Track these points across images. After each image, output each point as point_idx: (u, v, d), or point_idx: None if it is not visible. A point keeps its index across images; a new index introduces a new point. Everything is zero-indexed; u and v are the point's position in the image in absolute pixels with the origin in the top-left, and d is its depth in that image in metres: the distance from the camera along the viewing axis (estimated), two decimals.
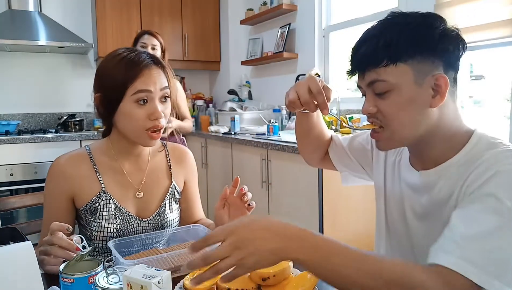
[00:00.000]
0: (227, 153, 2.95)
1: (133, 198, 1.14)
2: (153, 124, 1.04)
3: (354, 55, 0.82)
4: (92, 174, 1.10)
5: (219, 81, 4.18)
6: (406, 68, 0.76)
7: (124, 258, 0.87)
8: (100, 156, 1.13)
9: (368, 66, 0.78)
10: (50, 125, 3.66)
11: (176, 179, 1.22)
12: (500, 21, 1.78)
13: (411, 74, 0.76)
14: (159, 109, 1.04)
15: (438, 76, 0.76)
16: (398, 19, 0.79)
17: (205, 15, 3.93)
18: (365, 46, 0.79)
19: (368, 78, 0.79)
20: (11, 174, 3.02)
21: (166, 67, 1.10)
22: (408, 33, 0.76)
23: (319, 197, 2.04)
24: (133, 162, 1.16)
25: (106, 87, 1.05)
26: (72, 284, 0.71)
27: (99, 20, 3.49)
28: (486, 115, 2.10)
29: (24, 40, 3.14)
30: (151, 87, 1.03)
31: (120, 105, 1.04)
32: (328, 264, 0.63)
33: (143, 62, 1.04)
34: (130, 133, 1.07)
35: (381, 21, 0.80)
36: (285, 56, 3.15)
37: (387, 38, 0.76)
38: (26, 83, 3.57)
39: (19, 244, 0.72)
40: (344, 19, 2.86)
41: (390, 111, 0.78)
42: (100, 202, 1.09)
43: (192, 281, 0.64)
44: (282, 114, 3.06)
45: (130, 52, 1.06)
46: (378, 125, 0.82)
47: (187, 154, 1.28)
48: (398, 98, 0.77)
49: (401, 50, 0.75)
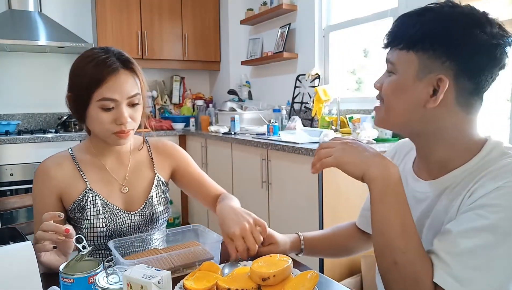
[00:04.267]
0: (227, 153, 2.95)
1: (119, 193, 1.15)
2: (119, 129, 1.05)
3: (387, 32, 0.83)
4: (76, 172, 1.12)
5: (219, 81, 4.18)
6: (414, 58, 0.76)
7: (124, 258, 0.87)
8: (82, 155, 1.15)
9: (390, 45, 0.80)
10: (50, 125, 3.66)
11: (159, 170, 1.23)
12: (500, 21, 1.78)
13: (416, 66, 0.76)
14: (126, 114, 1.04)
15: (439, 77, 0.74)
16: (439, 8, 0.75)
17: (205, 15, 3.93)
18: (394, 26, 0.80)
19: (388, 55, 0.82)
20: (11, 174, 3.02)
21: (137, 71, 1.08)
22: (432, 26, 0.74)
23: (319, 197, 2.04)
24: (115, 159, 1.18)
25: (75, 89, 1.06)
26: (72, 284, 0.71)
27: (99, 20, 3.49)
28: (486, 115, 2.10)
29: (24, 40, 3.14)
30: (117, 95, 1.02)
31: (88, 108, 1.04)
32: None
33: (110, 66, 1.02)
34: (99, 134, 1.09)
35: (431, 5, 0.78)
36: (285, 56, 3.15)
37: (411, 23, 0.76)
38: (26, 83, 3.58)
39: (19, 244, 0.72)
40: (344, 19, 2.86)
41: (386, 91, 0.81)
42: (87, 199, 1.10)
43: None
44: (282, 114, 3.06)
45: (101, 53, 1.04)
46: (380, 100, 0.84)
47: (168, 144, 1.28)
48: (396, 83, 0.79)
49: (417, 40, 0.74)
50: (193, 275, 0.80)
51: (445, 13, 0.74)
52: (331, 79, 3.00)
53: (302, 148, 2.10)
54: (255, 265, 0.79)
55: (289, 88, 3.24)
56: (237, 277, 0.79)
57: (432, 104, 0.75)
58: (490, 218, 0.68)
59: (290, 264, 0.79)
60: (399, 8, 2.33)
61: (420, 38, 0.74)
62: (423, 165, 0.87)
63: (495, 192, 0.69)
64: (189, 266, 0.92)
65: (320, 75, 2.96)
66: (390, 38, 0.80)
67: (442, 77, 0.73)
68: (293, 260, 0.85)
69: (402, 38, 0.77)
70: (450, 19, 0.73)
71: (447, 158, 0.80)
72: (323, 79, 3.01)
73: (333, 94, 2.66)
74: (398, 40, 0.78)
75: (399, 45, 0.77)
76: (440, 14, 0.74)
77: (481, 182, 0.73)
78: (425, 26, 0.74)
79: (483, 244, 0.67)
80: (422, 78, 0.75)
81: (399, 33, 0.78)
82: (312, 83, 2.99)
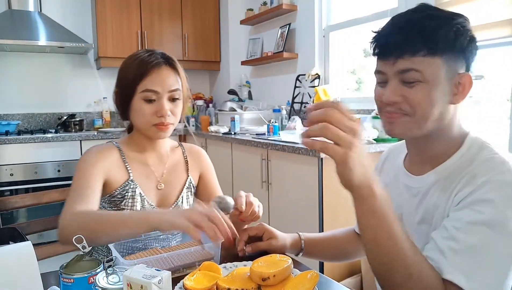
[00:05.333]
0: (227, 153, 2.95)
1: (155, 189, 1.20)
2: (159, 121, 1.11)
3: (386, 40, 0.79)
4: (121, 163, 1.16)
5: (219, 81, 4.18)
6: (441, 61, 0.76)
7: (124, 258, 0.87)
8: (126, 148, 1.19)
9: (404, 54, 0.76)
10: (50, 125, 3.66)
11: (192, 173, 1.28)
12: (500, 21, 1.78)
13: (444, 69, 0.76)
14: (166, 107, 1.10)
15: (463, 75, 0.78)
16: (433, 11, 0.78)
17: (205, 15, 3.93)
18: (402, 32, 0.76)
19: (401, 65, 0.76)
20: (11, 174, 3.02)
21: (179, 68, 1.16)
22: (448, 28, 0.75)
23: (319, 197, 2.04)
24: (155, 156, 1.22)
25: (121, 84, 1.14)
26: (72, 284, 0.71)
27: (99, 20, 3.49)
28: (486, 115, 2.10)
29: (24, 40, 3.14)
30: (158, 87, 1.10)
31: (132, 101, 1.11)
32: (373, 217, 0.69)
33: (154, 62, 1.10)
34: (141, 127, 1.14)
35: (412, 10, 0.79)
36: (285, 56, 3.15)
37: (428, 28, 0.75)
38: (26, 83, 3.58)
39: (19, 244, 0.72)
40: (344, 19, 2.86)
41: (419, 101, 0.77)
42: (128, 190, 1.14)
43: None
44: (282, 114, 3.06)
45: (146, 53, 1.13)
46: (399, 113, 0.79)
47: (201, 150, 1.36)
48: (428, 89, 0.76)
49: (440, 43, 0.75)
50: (193, 275, 0.80)
51: (447, 13, 0.78)
52: (331, 79, 3.00)
53: (302, 148, 2.10)
54: (255, 265, 0.79)
55: (289, 88, 3.24)
56: (237, 277, 0.79)
57: (459, 99, 0.79)
58: (486, 212, 0.70)
59: (290, 264, 0.79)
60: (399, 8, 2.33)
61: (442, 41, 0.75)
62: (416, 161, 0.89)
63: (484, 187, 0.72)
64: (189, 266, 0.92)
65: (320, 75, 2.96)
66: (402, 47, 0.76)
67: (465, 73, 0.79)
68: (293, 260, 0.85)
69: (424, 44, 0.74)
70: (456, 20, 0.76)
71: (439, 153, 0.83)
72: (323, 79, 3.01)
73: (333, 94, 2.66)
74: (415, 48, 0.75)
75: (419, 52, 0.75)
76: (444, 14, 0.77)
77: (467, 178, 0.75)
78: (443, 29, 0.75)
79: (483, 238, 0.69)
80: (451, 79, 0.78)
81: (414, 40, 0.75)
82: (312, 83, 2.99)
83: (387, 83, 0.80)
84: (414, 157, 0.90)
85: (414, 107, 0.77)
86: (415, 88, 0.76)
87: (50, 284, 0.82)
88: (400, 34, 0.76)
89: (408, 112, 0.78)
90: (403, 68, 0.76)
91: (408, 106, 0.78)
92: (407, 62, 0.76)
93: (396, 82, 0.78)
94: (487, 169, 0.74)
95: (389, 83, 0.80)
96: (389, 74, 0.79)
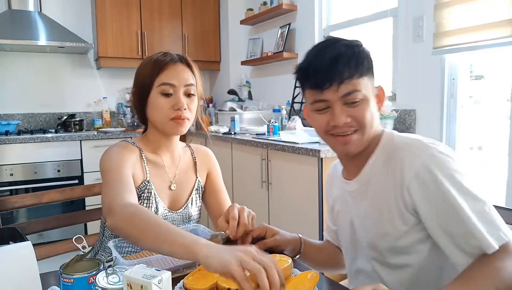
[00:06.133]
0: (227, 153, 2.95)
1: (167, 190, 1.20)
2: (176, 114, 1.12)
3: (325, 72, 0.88)
4: (141, 162, 1.16)
5: (219, 81, 4.18)
6: (367, 80, 0.91)
7: (124, 258, 0.87)
8: (143, 148, 1.19)
9: (345, 79, 0.87)
10: (50, 125, 3.66)
11: (200, 174, 1.29)
12: (500, 21, 1.77)
13: (370, 85, 0.91)
14: (183, 100, 1.12)
15: (379, 88, 0.96)
16: (343, 41, 0.92)
17: (205, 15, 3.93)
18: (337, 62, 0.87)
19: (345, 89, 0.87)
20: (11, 174, 3.02)
21: (193, 66, 1.19)
22: (362, 53, 0.91)
23: (319, 197, 2.04)
24: (169, 156, 1.23)
25: (138, 82, 1.17)
26: (72, 284, 0.71)
27: (99, 20, 3.49)
28: (486, 115, 2.10)
29: (24, 40, 3.14)
30: (175, 81, 1.12)
31: (149, 96, 1.13)
32: None
33: (169, 58, 1.15)
34: (158, 122, 1.15)
35: (326, 44, 0.92)
36: (285, 56, 3.15)
37: (353, 55, 0.88)
38: (26, 83, 3.58)
39: (19, 244, 0.72)
40: (344, 19, 2.86)
41: (363, 116, 0.90)
42: (144, 190, 1.13)
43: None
44: (282, 114, 3.06)
45: (162, 53, 1.17)
46: (351, 131, 0.91)
47: (208, 151, 1.38)
48: (367, 104, 0.90)
49: (364, 66, 0.89)
50: (193, 275, 0.80)
51: (354, 42, 0.93)
52: None
53: (302, 148, 2.10)
54: None
55: (289, 88, 3.24)
56: None
57: (381, 108, 0.97)
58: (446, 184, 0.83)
59: (290, 264, 0.79)
60: (399, 8, 2.33)
61: (365, 64, 0.90)
62: (351, 167, 1.01)
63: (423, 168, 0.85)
64: (189, 266, 0.92)
65: None
66: (343, 73, 0.87)
67: (380, 86, 0.96)
68: (293, 260, 0.85)
69: (356, 68, 0.88)
70: (362, 47, 0.93)
71: (363, 154, 0.97)
72: None
73: None
74: (351, 73, 0.87)
75: (354, 75, 0.88)
76: (354, 43, 0.92)
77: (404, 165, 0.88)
78: (361, 55, 0.90)
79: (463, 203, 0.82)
80: (373, 94, 0.93)
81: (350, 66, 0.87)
82: None
83: (330, 108, 0.90)
84: (349, 165, 1.02)
85: (361, 122, 0.90)
86: (358, 107, 0.89)
87: (50, 284, 0.82)
88: (337, 64, 0.87)
89: (357, 128, 0.91)
90: (346, 92, 0.88)
91: (356, 123, 0.90)
92: (349, 86, 0.88)
93: (340, 105, 0.89)
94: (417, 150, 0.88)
95: (334, 108, 0.89)
96: (333, 100, 0.89)
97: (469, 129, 2.11)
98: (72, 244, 0.76)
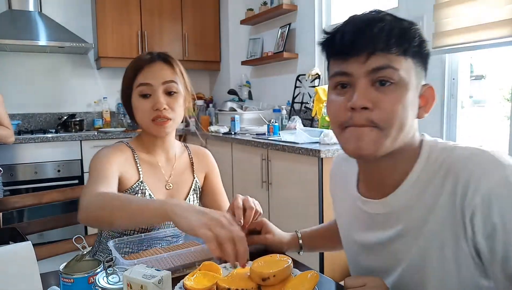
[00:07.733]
0: (227, 153, 2.95)
1: (163, 189, 1.19)
2: (156, 114, 1.11)
3: (353, 36, 0.67)
4: (133, 163, 1.16)
5: (219, 81, 4.18)
6: (412, 65, 0.67)
7: (124, 258, 0.87)
8: (137, 149, 1.19)
9: (378, 50, 0.65)
10: (50, 125, 3.66)
11: (197, 174, 1.28)
12: (500, 21, 1.77)
13: (414, 74, 0.68)
14: (161, 99, 1.10)
15: (427, 87, 0.71)
16: (392, 14, 0.69)
17: (205, 15, 3.93)
18: (372, 27, 0.65)
19: (375, 62, 0.65)
20: (11, 174, 3.02)
21: (174, 63, 1.16)
22: (415, 31, 0.67)
23: (319, 197, 2.04)
24: (164, 157, 1.23)
25: (122, 85, 1.17)
26: (72, 284, 0.71)
27: (99, 20, 3.49)
28: (486, 115, 2.10)
29: (24, 40, 3.14)
30: (151, 80, 1.11)
31: (131, 99, 1.14)
32: None
33: (148, 57, 1.13)
34: (142, 124, 1.15)
35: (376, 10, 0.70)
36: (285, 56, 3.15)
37: (397, 27, 0.65)
38: (26, 83, 3.58)
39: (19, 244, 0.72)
40: (344, 19, 2.85)
41: (392, 107, 0.65)
42: (138, 190, 1.13)
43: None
44: (282, 114, 3.06)
45: (146, 54, 1.16)
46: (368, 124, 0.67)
47: (206, 151, 1.37)
48: (403, 94, 0.66)
49: (412, 45, 0.66)
50: (193, 275, 0.80)
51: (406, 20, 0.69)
52: None
53: (302, 148, 2.10)
54: (255, 265, 0.79)
55: (289, 88, 3.24)
56: (237, 277, 0.79)
57: (423, 114, 0.71)
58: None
59: (290, 264, 0.79)
60: (399, 8, 2.33)
61: (413, 43, 0.67)
62: (372, 183, 0.78)
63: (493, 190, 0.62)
64: (189, 266, 0.92)
65: (320, 75, 2.96)
66: (375, 42, 0.65)
67: (430, 86, 0.71)
68: (293, 260, 0.85)
69: (397, 41, 0.65)
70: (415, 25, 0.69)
71: (394, 170, 0.73)
72: (323, 79, 3.01)
73: None
74: (389, 45, 0.65)
75: (392, 49, 0.65)
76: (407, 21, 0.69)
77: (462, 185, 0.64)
78: (412, 30, 0.67)
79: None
80: (416, 89, 0.69)
81: (388, 36, 0.65)
82: (312, 83, 2.99)
83: (352, 87, 0.68)
84: (367, 181, 0.79)
85: (386, 116, 0.66)
86: (389, 93, 0.66)
87: (50, 284, 0.82)
88: (371, 29, 0.65)
89: (379, 123, 0.66)
90: (377, 66, 0.65)
91: (379, 114, 0.66)
92: (381, 59, 0.65)
93: (365, 85, 0.66)
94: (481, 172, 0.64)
95: (357, 86, 0.67)
96: (357, 75, 0.67)
97: (469, 129, 2.11)
98: (72, 244, 0.76)
